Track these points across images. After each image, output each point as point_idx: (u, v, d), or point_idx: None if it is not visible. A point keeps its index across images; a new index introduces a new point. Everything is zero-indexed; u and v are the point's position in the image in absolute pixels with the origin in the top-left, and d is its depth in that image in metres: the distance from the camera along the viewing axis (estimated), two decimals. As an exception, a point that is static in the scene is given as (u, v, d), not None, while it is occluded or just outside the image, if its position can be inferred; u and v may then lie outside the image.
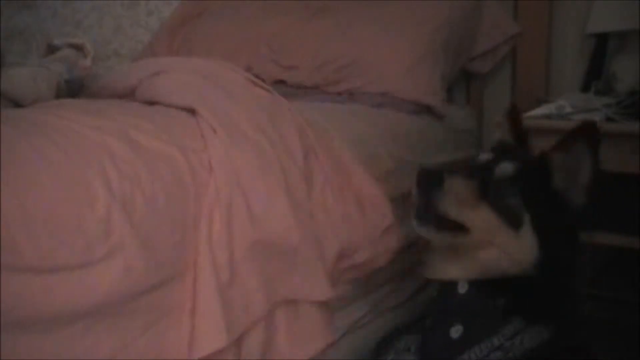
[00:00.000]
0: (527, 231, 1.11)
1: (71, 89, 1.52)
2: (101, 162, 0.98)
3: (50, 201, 0.89)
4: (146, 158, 1.05)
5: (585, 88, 2.07)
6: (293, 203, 1.21)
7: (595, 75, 2.08)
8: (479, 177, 1.13)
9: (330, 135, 1.46)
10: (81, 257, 0.91)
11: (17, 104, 1.34)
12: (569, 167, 1.14)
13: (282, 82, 2.14)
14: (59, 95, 1.44)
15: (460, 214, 1.09)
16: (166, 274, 1.02)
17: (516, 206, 1.11)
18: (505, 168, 1.15)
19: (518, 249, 1.11)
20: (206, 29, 2.46)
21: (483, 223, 1.10)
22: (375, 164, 1.57)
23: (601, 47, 2.11)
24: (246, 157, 1.17)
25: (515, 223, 1.10)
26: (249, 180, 1.16)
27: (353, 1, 2.29)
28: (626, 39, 2.04)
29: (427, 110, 1.99)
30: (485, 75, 2.40)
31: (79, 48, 1.78)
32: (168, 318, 1.03)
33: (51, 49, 1.82)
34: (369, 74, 2.02)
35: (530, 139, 1.29)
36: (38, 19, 2.82)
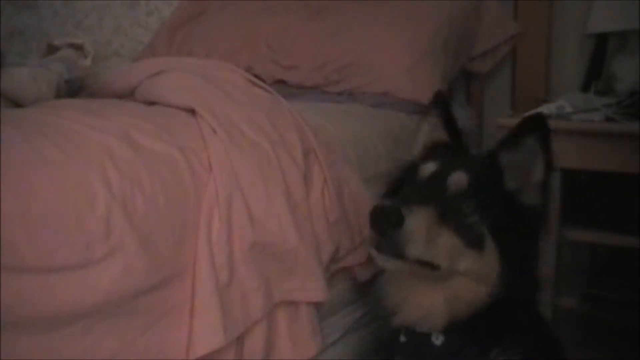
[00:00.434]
0: (489, 247, 1.02)
1: (71, 89, 1.52)
2: (101, 162, 0.98)
3: (50, 201, 0.89)
4: (146, 158, 1.05)
5: (585, 88, 2.07)
6: (292, 204, 1.21)
7: (595, 75, 2.08)
8: (435, 200, 1.02)
9: (330, 136, 1.46)
10: (81, 257, 0.91)
11: (17, 104, 1.34)
12: (519, 165, 1.06)
13: (282, 82, 2.14)
14: (59, 95, 1.44)
15: (425, 252, 1.00)
16: (166, 274, 1.02)
17: (476, 223, 1.02)
18: (459, 180, 1.05)
19: (483, 270, 1.03)
20: (206, 28, 2.46)
21: (447, 252, 1.01)
22: (375, 164, 1.57)
23: (601, 47, 2.11)
24: (246, 158, 1.17)
25: (477, 243, 1.02)
26: (248, 180, 1.16)
27: (353, 1, 2.29)
28: (626, 39, 2.04)
29: (427, 110, 1.99)
30: (485, 75, 2.40)
31: (79, 48, 1.78)
32: (168, 318, 1.03)
33: (51, 49, 1.82)
34: (369, 74, 2.03)
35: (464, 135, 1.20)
36: (38, 19, 2.82)
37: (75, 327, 0.91)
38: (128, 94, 1.37)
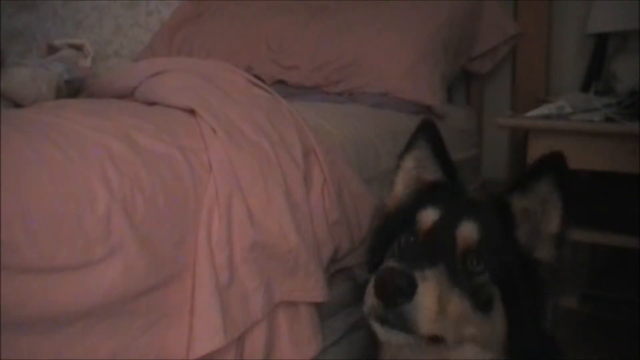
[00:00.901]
0: (498, 309, 0.88)
1: (71, 89, 1.52)
2: (101, 162, 0.98)
3: (50, 201, 0.89)
4: (146, 158, 1.05)
5: (585, 88, 2.07)
6: (292, 204, 1.21)
7: (595, 75, 2.09)
8: (444, 259, 0.86)
9: (330, 135, 1.46)
10: (81, 257, 0.91)
11: (17, 104, 1.34)
12: (531, 213, 0.91)
13: (283, 82, 2.14)
14: (59, 95, 1.44)
15: (435, 325, 0.84)
16: (166, 274, 1.02)
17: (487, 284, 0.87)
18: (470, 232, 0.89)
19: (491, 334, 0.89)
20: (206, 29, 2.46)
21: (455, 319, 0.86)
22: (375, 164, 1.57)
23: (601, 47, 2.11)
24: (246, 158, 1.17)
25: (487, 306, 0.87)
26: (248, 181, 1.16)
27: (353, 1, 2.29)
28: (626, 39, 2.04)
29: (427, 110, 1.99)
30: (485, 75, 2.41)
31: (79, 48, 1.78)
32: (168, 318, 1.03)
33: (51, 50, 1.82)
34: (369, 74, 2.03)
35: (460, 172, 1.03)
36: (38, 19, 2.82)
37: (76, 327, 0.91)
38: (128, 94, 1.37)
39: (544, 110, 1.82)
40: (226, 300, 1.07)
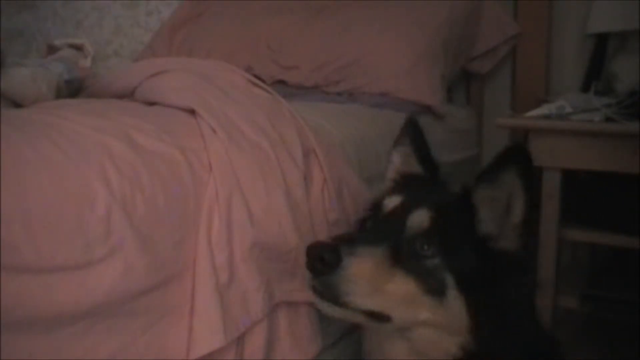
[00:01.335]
0: (453, 295, 0.91)
1: (71, 89, 1.52)
2: (101, 162, 0.98)
3: (50, 201, 0.89)
4: (146, 158, 1.05)
5: (585, 88, 2.07)
6: (292, 204, 1.21)
7: (595, 75, 2.09)
8: (390, 240, 0.91)
9: (330, 135, 1.46)
10: (81, 257, 0.91)
11: (17, 104, 1.34)
12: (496, 203, 0.94)
13: (283, 82, 2.14)
14: (59, 95, 1.44)
15: (369, 300, 0.89)
16: (166, 274, 1.02)
17: (437, 268, 0.91)
18: (419, 219, 0.95)
19: (447, 319, 0.92)
20: (206, 29, 2.46)
21: (400, 300, 0.90)
22: (375, 164, 1.57)
23: (601, 47, 2.11)
24: (246, 158, 1.17)
25: (438, 290, 0.91)
26: (248, 180, 1.16)
27: (353, 1, 2.29)
28: (626, 39, 2.04)
29: (427, 110, 2.00)
30: (485, 75, 2.41)
31: (79, 48, 1.78)
32: (168, 318, 1.03)
33: (51, 50, 1.82)
34: (369, 74, 2.03)
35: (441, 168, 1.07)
36: (38, 19, 2.82)
37: (76, 328, 0.91)
38: (128, 94, 1.37)
39: (544, 110, 1.82)
40: (226, 300, 1.07)
